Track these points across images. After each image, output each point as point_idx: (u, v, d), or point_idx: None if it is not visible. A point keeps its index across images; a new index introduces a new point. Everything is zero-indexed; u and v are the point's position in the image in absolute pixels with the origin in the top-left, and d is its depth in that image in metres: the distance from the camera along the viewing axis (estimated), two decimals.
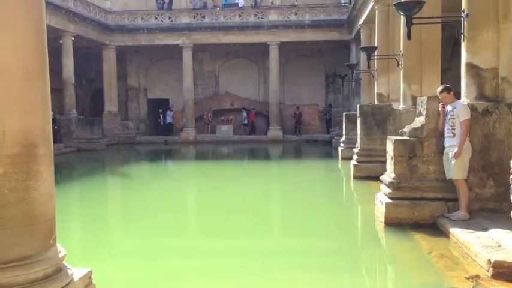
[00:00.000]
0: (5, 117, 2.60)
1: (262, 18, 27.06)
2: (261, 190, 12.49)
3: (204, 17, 27.44)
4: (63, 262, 2.95)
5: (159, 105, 30.09)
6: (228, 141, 27.02)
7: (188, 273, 5.66)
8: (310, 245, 6.84)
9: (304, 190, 11.88)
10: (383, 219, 7.06)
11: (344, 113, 17.16)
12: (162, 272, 5.65)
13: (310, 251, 6.50)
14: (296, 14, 27.08)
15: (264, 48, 27.30)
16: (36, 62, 2.79)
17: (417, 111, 7.41)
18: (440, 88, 6.84)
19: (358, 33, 22.19)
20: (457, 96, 7.00)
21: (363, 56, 17.93)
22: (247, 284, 5.27)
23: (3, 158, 2.60)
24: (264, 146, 25.58)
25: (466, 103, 6.78)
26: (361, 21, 20.93)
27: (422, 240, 6.21)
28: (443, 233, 6.31)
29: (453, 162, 6.45)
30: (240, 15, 27.26)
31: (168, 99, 30.41)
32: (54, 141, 16.56)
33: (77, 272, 3.06)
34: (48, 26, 19.50)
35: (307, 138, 26.76)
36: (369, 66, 16.07)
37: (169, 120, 28.88)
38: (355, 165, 12.13)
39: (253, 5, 28.47)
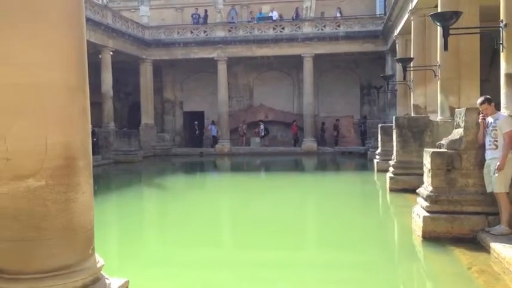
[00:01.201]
0: (47, 131, 2.70)
1: (296, 30, 27.12)
2: (296, 202, 12.43)
3: (238, 30, 27.72)
4: (101, 272, 3.01)
5: (195, 118, 30.46)
6: (262, 153, 27.05)
7: (223, 284, 5.67)
8: (346, 258, 6.75)
9: (339, 202, 11.75)
10: (420, 233, 6.90)
11: (380, 125, 16.95)
12: (197, 282, 5.69)
13: (345, 264, 6.42)
14: (331, 26, 27.03)
15: (298, 60, 27.33)
16: (77, 77, 2.88)
17: (455, 123, 7.25)
18: (480, 99, 6.67)
19: (394, 44, 21.95)
20: (497, 107, 6.82)
21: (398, 67, 17.71)
22: None
23: (45, 170, 2.69)
24: (299, 158, 25.47)
25: (508, 114, 6.59)
26: (396, 32, 20.71)
27: (461, 255, 6.04)
28: (483, 248, 6.12)
29: (496, 175, 6.27)
30: (274, 28, 27.40)
31: (203, 112, 30.76)
32: (93, 153, 16.88)
33: (114, 282, 3.12)
34: (88, 42, 20.04)
35: (342, 150, 26.52)
36: (404, 78, 15.85)
37: (214, 133, 29.05)
38: (391, 178, 11.94)
39: (294, 17, 28.51)
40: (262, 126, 28.75)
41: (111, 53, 23.56)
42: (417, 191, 7.62)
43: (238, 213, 11.01)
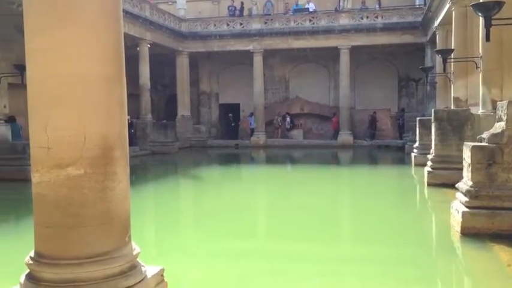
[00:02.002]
0: (86, 121, 2.77)
1: (333, 22, 26.80)
2: (332, 195, 12.35)
3: (274, 22, 27.62)
4: (138, 259, 3.07)
5: (230, 110, 30.61)
6: (297, 145, 26.96)
7: (257, 276, 5.70)
8: (382, 253, 6.67)
9: (375, 196, 11.61)
10: (459, 229, 6.75)
11: (418, 118, 16.59)
12: (232, 273, 5.74)
13: (382, 259, 6.34)
14: (368, 17, 26.58)
15: (334, 52, 27.02)
16: (115, 69, 2.94)
17: (497, 116, 7.03)
18: None
19: (434, 36, 21.40)
20: None
21: (438, 59, 17.25)
22: None
23: (83, 159, 2.76)
24: (334, 150, 25.27)
25: None
26: (436, 23, 20.18)
27: (501, 252, 5.88)
28: None
29: None
30: (310, 20, 27.15)
31: (239, 104, 30.87)
32: (131, 144, 17.40)
33: (150, 270, 3.18)
34: (127, 35, 20.46)
35: (378, 143, 26.13)
36: (444, 70, 15.45)
37: (252, 125, 29.12)
38: (429, 172, 11.70)
39: (338, 8, 28.08)
40: (288, 119, 28.65)
41: (149, 45, 23.89)
42: (456, 185, 7.45)
43: (273, 205, 11.03)
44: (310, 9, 28.24)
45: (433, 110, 12.46)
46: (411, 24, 25.53)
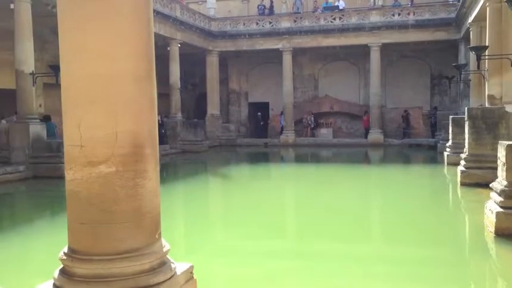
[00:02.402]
0: (117, 120, 2.82)
1: (363, 20, 26.49)
2: (361, 194, 12.23)
3: (304, 20, 27.50)
4: (167, 256, 3.11)
5: (259, 109, 30.64)
6: (327, 144, 26.79)
7: (285, 275, 5.70)
8: (414, 253, 6.57)
9: (406, 196, 11.43)
10: (493, 229, 6.60)
11: (451, 116, 16.25)
12: (260, 272, 5.75)
13: (413, 259, 6.25)
14: (399, 14, 26.16)
15: (364, 50, 26.72)
16: (145, 69, 2.99)
17: None
18: None
19: (468, 32, 20.92)
20: None
21: (472, 56, 16.85)
22: None
23: (115, 157, 2.81)
24: (365, 149, 25.00)
25: None
26: (470, 19, 19.72)
27: None
28: None
29: None
30: (340, 18, 26.92)
31: (268, 103, 30.86)
32: (161, 143, 17.60)
33: (179, 266, 3.22)
34: (158, 34, 20.72)
35: (410, 142, 25.71)
36: (478, 67, 15.08)
37: (283, 123, 29.09)
38: (462, 171, 11.45)
39: (373, 4, 27.48)
40: (312, 118, 28.49)
41: (179, 45, 24.13)
42: (490, 185, 7.28)
43: (302, 204, 10.99)
44: (340, 7, 27.99)
45: (466, 108, 12.19)
46: (444, 21, 25.02)
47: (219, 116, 28.63)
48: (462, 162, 11.82)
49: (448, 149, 15.86)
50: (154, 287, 2.86)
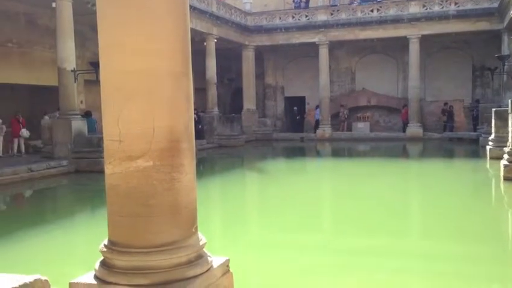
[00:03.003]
0: (154, 115, 2.86)
1: (401, 11, 25.93)
2: (400, 189, 12.02)
3: (340, 13, 27.17)
4: (204, 249, 3.15)
5: (296, 103, 30.52)
6: (364, 138, 26.45)
7: (322, 270, 5.67)
8: (454, 249, 6.42)
9: (447, 190, 11.16)
10: None
11: (494, 109, 15.74)
12: (296, 266, 5.75)
13: (454, 256, 6.10)
14: (440, 4, 25.45)
15: (403, 42, 26.16)
16: (182, 64, 3.02)
17: None
18: None
19: (511, 22, 20.17)
20: None
21: None
22: (383, 285, 5.12)
23: (152, 151, 2.86)
24: (403, 143, 24.55)
25: None
26: None
27: None
28: None
29: None
30: (378, 10, 26.44)
31: (304, 97, 30.71)
32: (198, 138, 17.82)
33: (216, 260, 3.25)
34: (194, 30, 20.91)
35: (450, 136, 25.06)
36: None
37: (317, 117, 28.97)
38: (505, 166, 11.09)
39: None
40: (346, 112, 28.16)
41: (215, 40, 24.27)
42: None
43: (338, 198, 10.91)
44: None
45: (510, 101, 11.77)
46: (486, 11, 24.19)
47: (255, 110, 28.67)
48: (505, 156, 11.45)
49: (490, 143, 15.40)
50: (191, 280, 2.90)
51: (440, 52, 27.79)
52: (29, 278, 2.87)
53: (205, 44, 23.84)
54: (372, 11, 26.49)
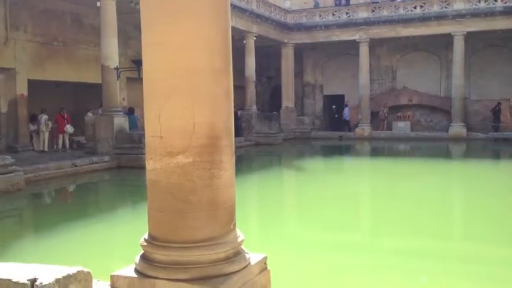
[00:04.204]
0: (195, 111, 2.89)
1: (446, 7, 25.25)
2: (441, 190, 11.73)
3: (382, 10, 26.71)
4: (242, 246, 3.16)
5: (335, 101, 30.24)
6: (404, 138, 25.93)
7: (359, 270, 5.60)
8: (497, 252, 6.22)
9: (490, 192, 10.82)
10: None
11: None
12: (333, 264, 5.70)
13: (496, 259, 5.91)
14: (486, 0, 24.66)
15: (446, 39, 25.48)
16: (222, 62, 3.03)
17: None
18: None
19: None
20: None
21: None
22: (418, 286, 5.01)
23: (192, 148, 2.89)
24: (445, 144, 23.92)
25: None
26: None
27: None
28: None
29: None
30: (421, 6, 25.85)
31: (343, 95, 30.37)
32: (236, 135, 17.88)
33: (253, 257, 3.25)
34: (234, 28, 21.01)
35: (496, 136, 24.25)
36: None
37: (346, 116, 28.66)
38: None
39: None
40: (386, 110, 27.67)
41: (255, 38, 24.32)
42: None
43: (376, 198, 10.74)
44: None
45: None
46: None
47: (294, 108, 28.58)
48: None
49: None
50: (229, 276, 2.91)
51: (485, 49, 26.92)
52: (72, 270, 2.95)
53: (244, 42, 23.92)
54: (414, 7, 25.93)
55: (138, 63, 14.43)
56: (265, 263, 3.36)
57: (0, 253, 6.27)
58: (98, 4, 15.26)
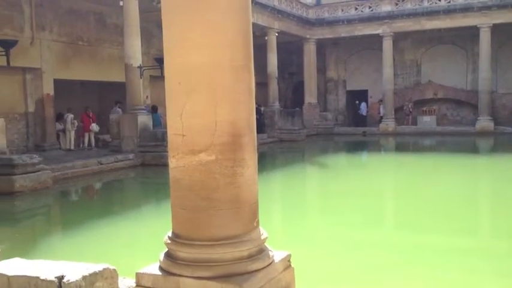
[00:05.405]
0: (216, 109, 2.88)
1: None
2: (466, 186, 11.49)
3: (406, 3, 26.30)
4: (265, 244, 3.14)
5: (358, 97, 29.98)
6: (430, 132, 25.53)
7: (383, 267, 5.54)
8: None
9: None
10: None
11: None
12: (357, 262, 5.64)
13: None
14: None
15: (472, 32, 24.96)
16: (244, 58, 3.01)
17: None
18: None
19: None
20: None
21: None
22: (449, 285, 4.92)
23: (214, 145, 2.88)
24: (472, 138, 23.46)
25: None
26: None
27: None
28: None
29: None
30: None
31: (366, 90, 30.07)
32: (259, 132, 17.92)
33: (277, 254, 3.23)
34: (256, 24, 20.97)
35: None
36: None
37: (363, 110, 28.44)
38: None
39: None
40: (411, 105, 27.29)
41: (276, 34, 24.24)
42: None
43: (401, 194, 10.60)
44: None
45: None
46: None
47: (317, 104, 28.43)
48: None
49: None
50: (253, 274, 2.90)
51: None
52: (98, 267, 2.98)
53: (266, 38, 23.86)
54: None
55: (160, 61, 14.53)
56: (289, 261, 3.34)
57: (29, 250, 6.40)
58: (121, 3, 15.41)
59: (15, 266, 3.04)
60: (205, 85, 2.88)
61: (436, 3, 25.45)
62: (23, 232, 8.17)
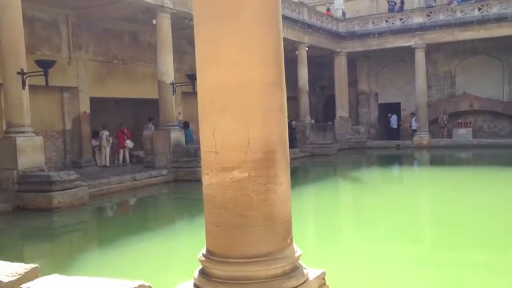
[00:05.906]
0: (249, 125, 2.88)
1: (505, 9, 24.20)
2: (506, 201, 11.12)
3: (438, 14, 25.96)
4: (299, 261, 3.10)
5: (390, 110, 29.61)
6: (466, 145, 24.93)
7: (421, 284, 5.39)
8: None
9: None
10: None
11: None
12: (393, 279, 5.51)
13: None
14: None
15: (508, 42, 24.39)
16: (275, 74, 3.02)
17: None
18: None
19: None
20: None
21: None
22: None
23: (247, 162, 2.87)
24: (511, 151, 22.75)
25: None
26: None
27: None
28: None
29: None
30: (479, 8, 24.91)
31: (399, 103, 29.67)
32: (291, 147, 17.90)
33: (311, 272, 3.19)
34: (286, 39, 21.04)
35: None
36: None
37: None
38: None
39: None
40: (446, 117, 26.74)
41: (307, 48, 24.26)
42: None
43: (437, 209, 10.35)
44: None
45: None
46: None
47: (348, 118, 28.20)
48: None
49: None
50: None
51: None
52: (133, 284, 3.01)
53: (296, 52, 23.91)
54: (472, 10, 25.03)
55: (192, 77, 14.73)
56: (323, 278, 3.29)
57: (67, 266, 6.52)
58: (154, 22, 15.75)
59: (54, 282, 3.10)
60: (237, 102, 2.89)
61: (468, 13, 25.02)
62: (61, 248, 8.34)
